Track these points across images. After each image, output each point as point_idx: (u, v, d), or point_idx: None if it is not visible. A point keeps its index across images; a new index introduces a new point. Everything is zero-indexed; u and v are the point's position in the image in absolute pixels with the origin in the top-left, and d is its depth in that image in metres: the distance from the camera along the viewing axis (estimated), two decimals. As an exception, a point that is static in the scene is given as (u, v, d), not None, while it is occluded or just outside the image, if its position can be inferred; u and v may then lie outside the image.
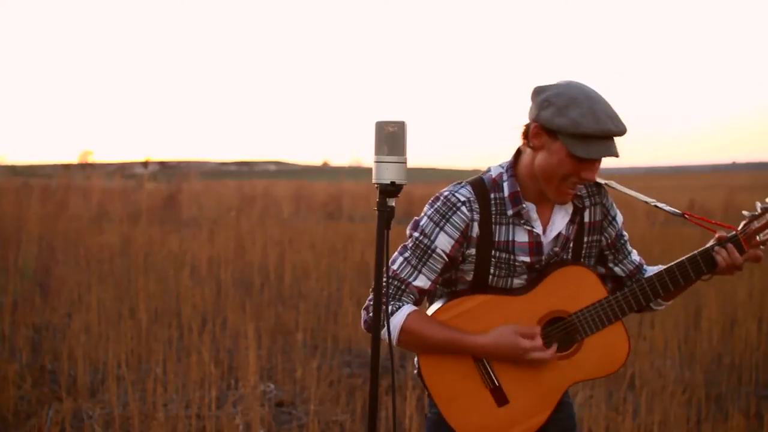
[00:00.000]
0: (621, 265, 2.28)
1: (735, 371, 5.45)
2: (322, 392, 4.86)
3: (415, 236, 2.16)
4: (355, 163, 58.00)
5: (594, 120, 2.00)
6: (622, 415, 4.35)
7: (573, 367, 2.16)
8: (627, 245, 2.29)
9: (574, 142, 2.01)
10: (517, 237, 2.15)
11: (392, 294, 2.16)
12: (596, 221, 2.22)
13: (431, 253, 2.13)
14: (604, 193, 2.24)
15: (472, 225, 2.13)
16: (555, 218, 2.18)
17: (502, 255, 2.14)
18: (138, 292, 6.85)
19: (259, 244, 9.65)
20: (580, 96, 2.03)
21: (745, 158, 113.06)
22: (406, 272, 2.15)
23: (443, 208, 2.13)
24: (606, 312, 2.15)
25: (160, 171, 42.07)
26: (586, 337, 2.16)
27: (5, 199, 13.10)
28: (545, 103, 2.05)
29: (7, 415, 4.40)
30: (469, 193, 2.14)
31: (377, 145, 1.87)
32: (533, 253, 2.15)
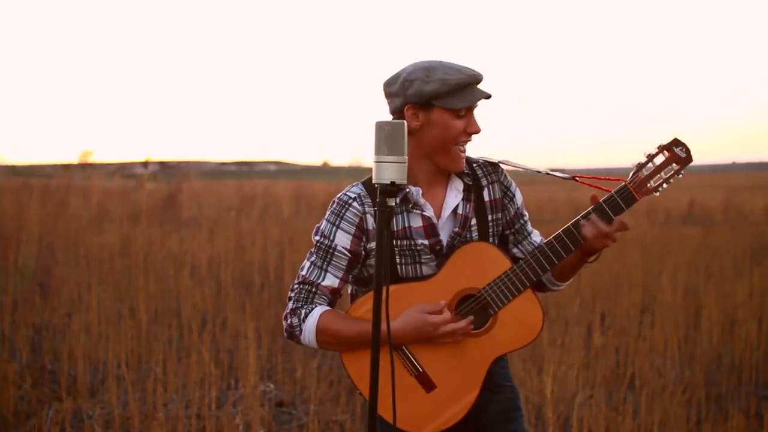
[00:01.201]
0: (520, 245, 2.31)
1: (735, 371, 5.45)
2: (322, 392, 4.86)
3: (317, 239, 2.26)
4: (355, 163, 58.04)
5: (456, 71, 2.11)
6: (622, 415, 4.35)
7: (492, 342, 2.19)
8: (527, 225, 2.33)
9: (450, 98, 2.11)
10: (413, 222, 2.20)
11: (304, 298, 2.22)
12: (497, 199, 2.27)
13: (333, 251, 2.22)
14: (500, 171, 2.29)
15: (366, 218, 2.20)
16: (448, 197, 2.23)
17: (402, 242, 2.20)
18: (138, 292, 6.84)
19: (259, 244, 9.64)
20: (431, 64, 2.13)
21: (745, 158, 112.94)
22: (314, 275, 2.23)
23: (337, 208, 2.23)
24: (513, 282, 2.18)
25: (160, 171, 42.07)
26: (500, 311, 2.18)
27: (5, 199, 13.09)
28: (406, 83, 2.13)
29: (7, 415, 4.40)
30: (359, 189, 2.23)
31: (377, 145, 1.87)
32: (429, 235, 2.20)
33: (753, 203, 18.00)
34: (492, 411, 2.26)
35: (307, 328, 2.19)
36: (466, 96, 2.12)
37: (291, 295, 2.25)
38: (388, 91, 2.20)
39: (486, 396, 2.23)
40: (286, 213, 15.20)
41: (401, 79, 2.15)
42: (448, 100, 2.11)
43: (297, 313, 2.21)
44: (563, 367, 4.86)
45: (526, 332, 2.20)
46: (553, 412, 4.22)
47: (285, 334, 2.24)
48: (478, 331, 2.18)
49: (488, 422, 2.26)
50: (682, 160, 2.18)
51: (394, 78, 2.18)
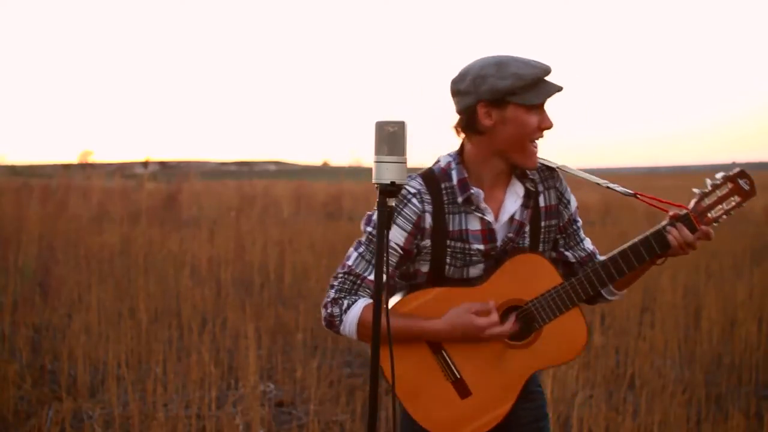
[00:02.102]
0: (572, 250, 2.27)
1: (735, 371, 5.45)
2: (322, 392, 4.86)
3: (369, 231, 2.16)
4: (355, 163, 58.05)
5: (529, 66, 2.05)
6: (622, 415, 4.35)
7: (533, 356, 2.16)
8: (580, 232, 2.29)
9: (526, 94, 2.05)
10: (470, 225, 2.14)
11: (348, 289, 2.15)
12: (552, 205, 2.22)
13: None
14: (557, 176, 2.23)
15: (424, 216, 2.12)
16: (506, 202, 2.18)
17: (456, 244, 2.14)
18: (138, 292, 6.84)
19: (259, 244, 9.65)
20: (501, 59, 2.07)
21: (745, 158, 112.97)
22: (361, 267, 2.15)
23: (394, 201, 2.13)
24: (562, 298, 2.14)
25: (160, 171, 42.07)
26: (545, 325, 2.15)
27: (5, 199, 13.09)
28: (478, 80, 2.06)
29: (7, 415, 4.40)
30: (419, 185, 2.14)
31: (377, 145, 1.87)
32: (486, 240, 2.15)
33: (753, 203, 17.95)
34: (523, 419, 2.23)
35: (349, 319, 2.13)
36: (542, 90, 2.06)
37: (334, 283, 2.17)
38: (456, 89, 2.12)
39: (519, 403, 2.20)
40: (286, 213, 15.20)
41: (471, 75, 2.07)
42: (524, 95, 2.04)
43: (339, 303, 2.15)
44: (563, 367, 4.87)
45: (568, 349, 2.18)
46: (553, 412, 4.22)
47: (323, 322, 2.17)
48: (520, 343, 2.15)
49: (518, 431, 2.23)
50: (745, 192, 2.14)
51: (462, 75, 2.10)
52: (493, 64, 2.06)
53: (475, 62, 2.10)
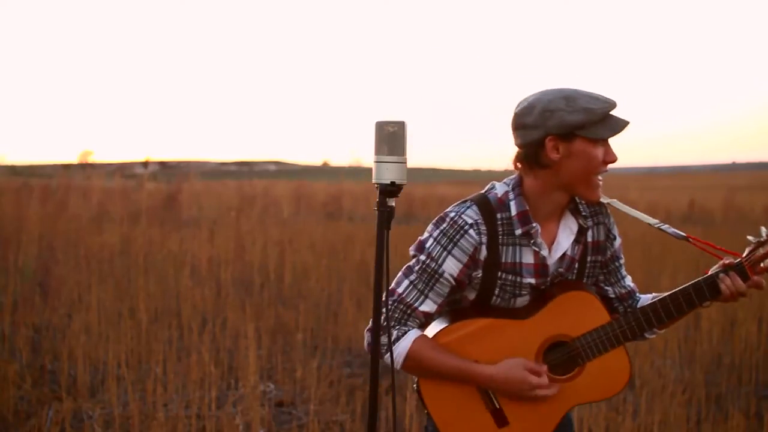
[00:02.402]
0: (612, 287, 2.25)
1: (735, 371, 5.45)
2: (322, 392, 4.86)
3: (422, 259, 2.11)
4: (355, 163, 58.06)
5: (597, 101, 2.02)
6: (622, 415, 4.35)
7: (574, 391, 2.15)
8: (622, 269, 2.26)
9: (595, 128, 2.02)
10: (524, 258, 2.11)
11: (398, 318, 2.11)
12: (599, 241, 2.19)
13: (438, 277, 2.09)
14: (606, 212, 2.20)
15: (481, 248, 2.08)
16: (560, 238, 2.15)
17: (508, 276, 2.11)
18: (138, 292, 6.85)
19: (259, 244, 9.65)
20: (568, 93, 2.04)
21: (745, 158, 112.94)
22: (412, 296, 2.10)
23: (450, 230, 2.08)
24: (609, 337, 2.13)
25: (160, 171, 42.09)
26: (589, 361, 2.14)
27: (5, 199, 13.10)
28: (546, 114, 2.02)
29: (7, 415, 4.40)
30: (476, 215, 2.09)
31: (377, 145, 1.87)
32: (539, 274, 2.12)
33: (753, 203, 18.00)
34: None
35: (397, 351, 2.10)
36: (611, 125, 2.03)
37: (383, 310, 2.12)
38: (522, 123, 2.07)
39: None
40: (286, 213, 15.20)
41: (539, 109, 2.03)
42: (593, 129, 2.02)
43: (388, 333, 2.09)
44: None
45: (610, 386, 2.17)
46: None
47: (367, 348, 2.12)
48: (562, 377, 2.14)
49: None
50: None
51: (529, 108, 2.05)
52: (561, 98, 2.02)
53: (541, 95, 2.06)
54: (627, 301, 2.26)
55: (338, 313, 6.77)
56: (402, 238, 10.95)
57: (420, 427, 4.20)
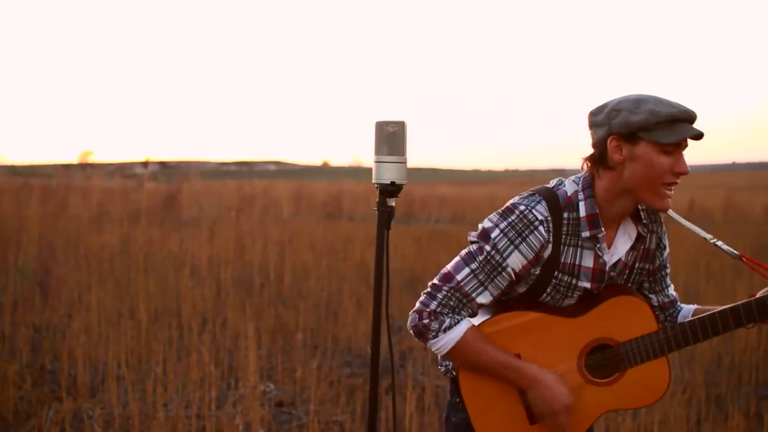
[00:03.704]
0: (656, 295, 2.23)
1: (735, 371, 5.45)
2: (322, 392, 4.86)
3: (487, 249, 2.03)
4: (355, 163, 58.06)
5: (667, 104, 1.96)
6: (622, 415, 4.35)
7: (611, 395, 2.14)
8: (667, 278, 2.25)
9: (659, 132, 1.96)
10: (584, 261, 2.08)
11: (453, 306, 2.04)
12: (650, 249, 2.17)
13: (501, 270, 2.03)
14: (659, 221, 2.18)
15: (547, 246, 2.04)
16: (617, 243, 2.12)
17: (564, 278, 2.08)
18: (138, 292, 6.85)
19: (259, 244, 9.65)
20: (641, 96, 1.99)
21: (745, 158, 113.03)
22: (471, 286, 2.04)
23: (520, 224, 2.02)
24: (654, 347, 2.12)
25: (160, 171, 42.07)
26: (630, 368, 2.13)
27: (5, 199, 13.10)
28: (613, 113, 1.99)
29: (7, 415, 4.39)
30: (546, 211, 2.03)
31: (377, 145, 1.87)
32: (595, 279, 2.10)
33: (753, 203, 18.01)
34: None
35: (447, 338, 2.04)
36: (676, 131, 1.95)
37: (438, 295, 2.04)
38: (593, 121, 2.05)
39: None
40: (286, 213, 15.20)
41: (608, 108, 2.00)
42: (656, 132, 1.95)
43: (440, 320, 2.04)
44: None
45: (648, 395, 2.16)
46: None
47: (412, 329, 2.07)
48: (601, 381, 2.14)
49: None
50: None
51: (601, 107, 2.03)
52: (631, 100, 1.99)
53: (617, 97, 2.03)
54: (669, 310, 2.25)
55: (338, 313, 6.77)
56: (402, 238, 10.97)
57: (420, 427, 4.20)
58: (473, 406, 2.13)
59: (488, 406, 2.13)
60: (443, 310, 2.04)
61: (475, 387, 2.12)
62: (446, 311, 2.04)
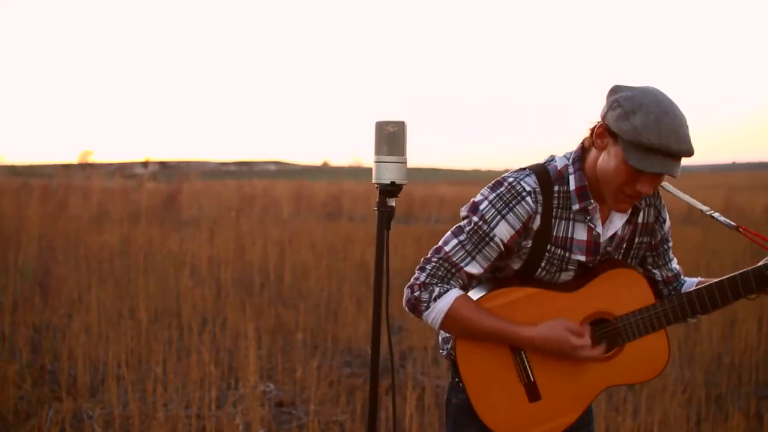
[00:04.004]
0: (660, 270, 2.23)
1: (735, 371, 5.45)
2: (322, 392, 4.86)
3: (474, 220, 2.06)
4: (355, 163, 58.06)
5: (656, 133, 1.90)
6: (622, 415, 4.35)
7: (611, 370, 2.14)
8: (669, 252, 2.25)
9: (632, 150, 1.93)
10: (576, 234, 2.09)
11: (441, 276, 2.07)
12: (649, 223, 2.18)
13: (489, 240, 2.05)
14: (658, 194, 2.18)
15: (535, 217, 2.05)
16: (613, 217, 2.12)
17: (557, 251, 2.08)
18: (138, 292, 6.85)
19: (259, 244, 9.65)
20: (651, 105, 1.93)
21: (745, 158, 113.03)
22: (458, 256, 2.06)
23: (507, 195, 2.04)
24: (652, 320, 2.11)
25: (160, 171, 42.07)
26: (628, 342, 2.12)
27: (5, 199, 13.10)
28: (615, 103, 1.97)
29: (7, 415, 4.40)
30: (534, 183, 2.05)
31: (377, 145, 1.87)
32: (590, 252, 2.10)
33: (753, 203, 18.01)
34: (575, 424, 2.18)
35: (437, 308, 2.06)
36: (647, 161, 1.91)
37: (426, 267, 2.08)
38: (607, 95, 2.02)
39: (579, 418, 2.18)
40: (286, 213, 15.20)
41: (616, 96, 1.98)
42: (630, 151, 1.92)
43: (429, 289, 2.07)
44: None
45: (648, 369, 2.15)
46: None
47: (405, 304, 2.10)
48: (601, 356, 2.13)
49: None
50: None
51: (620, 88, 2.00)
52: (637, 104, 1.93)
53: (638, 88, 1.98)
54: (672, 284, 2.25)
55: (338, 313, 6.77)
56: (402, 238, 10.97)
57: (420, 427, 4.20)
58: (473, 387, 2.13)
59: (487, 387, 2.13)
60: (432, 280, 2.07)
61: (474, 368, 2.12)
62: (435, 281, 2.08)
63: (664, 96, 1.97)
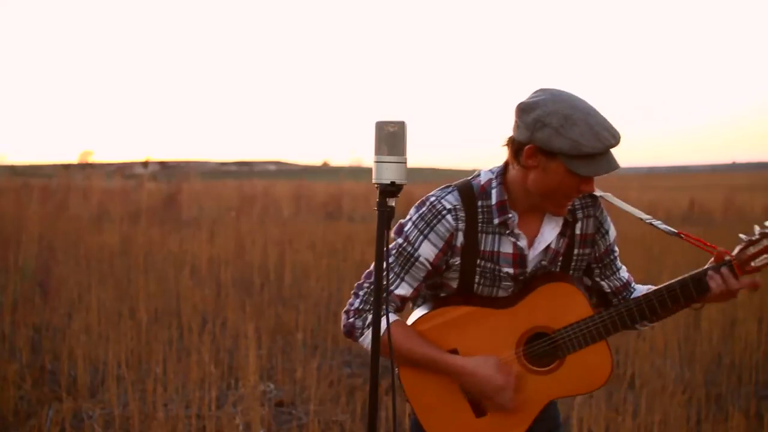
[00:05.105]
0: (608, 280, 2.22)
1: (735, 371, 5.45)
2: (322, 392, 4.86)
3: (399, 242, 2.12)
4: (355, 163, 58.02)
5: (594, 138, 1.93)
6: (622, 415, 4.35)
7: (554, 383, 2.14)
8: (616, 261, 2.23)
9: (576, 162, 1.95)
10: (503, 248, 2.10)
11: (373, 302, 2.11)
12: (588, 234, 2.17)
13: (414, 261, 2.09)
14: (598, 205, 2.17)
15: (457, 234, 2.08)
16: (544, 230, 2.12)
17: (487, 264, 2.10)
18: (138, 292, 6.85)
19: (259, 244, 9.65)
20: (574, 113, 1.94)
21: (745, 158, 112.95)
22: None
23: (428, 214, 2.09)
24: (590, 331, 2.11)
25: (160, 171, 42.02)
26: (569, 354, 2.12)
27: (5, 199, 13.10)
28: (538, 124, 1.96)
29: (7, 415, 4.40)
30: (455, 200, 2.09)
31: (377, 145, 1.87)
32: (517, 265, 2.11)
33: (753, 203, 18.00)
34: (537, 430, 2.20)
35: (369, 333, 2.10)
36: (593, 166, 1.95)
37: (359, 293, 2.14)
38: (519, 117, 2.01)
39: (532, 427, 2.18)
40: (286, 213, 15.20)
41: (536, 114, 1.96)
42: (574, 163, 1.94)
43: (362, 316, 2.12)
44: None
45: (591, 381, 2.15)
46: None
47: (342, 329, 2.15)
48: (542, 370, 2.14)
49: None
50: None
51: (531, 106, 1.98)
52: (560, 116, 1.94)
53: (550, 100, 1.97)
54: (622, 294, 2.24)
55: (338, 313, 6.76)
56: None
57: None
58: (420, 407, 2.15)
59: (434, 406, 2.14)
60: (365, 306, 2.11)
61: (419, 388, 2.14)
62: (368, 308, 2.11)
63: (574, 96, 2.00)
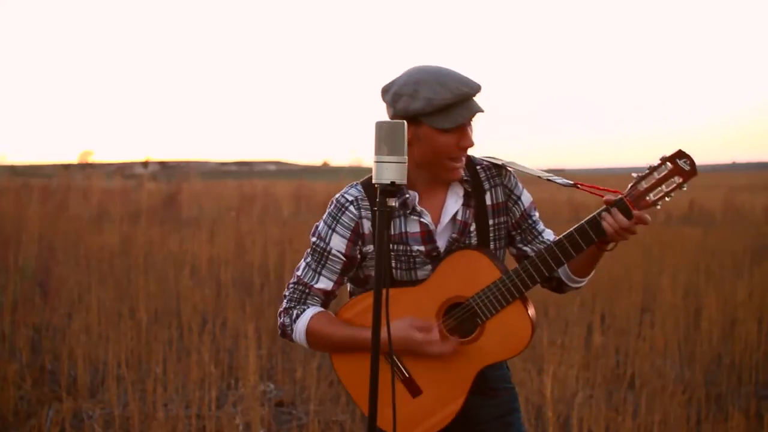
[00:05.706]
0: (530, 245, 2.27)
1: (735, 371, 5.45)
2: (322, 392, 4.86)
3: (313, 240, 2.23)
4: (355, 163, 58.03)
5: (444, 89, 2.05)
6: (622, 415, 4.35)
7: (479, 352, 2.17)
8: (537, 225, 2.28)
9: (436, 118, 2.06)
10: (410, 228, 2.18)
11: (297, 299, 2.23)
12: (500, 203, 2.23)
13: (327, 255, 2.20)
14: (504, 173, 2.24)
15: (362, 222, 2.18)
16: (448, 203, 2.20)
17: (399, 247, 2.18)
18: (138, 292, 6.84)
19: (259, 244, 9.64)
20: (424, 76, 2.07)
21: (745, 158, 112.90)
22: (308, 276, 2.22)
23: (334, 210, 2.21)
24: (501, 292, 2.14)
25: (160, 171, 42.03)
26: (488, 321, 2.15)
27: (5, 199, 13.10)
28: (396, 96, 2.10)
29: (7, 415, 4.40)
30: (357, 192, 2.21)
31: (377, 145, 1.87)
32: (426, 241, 2.18)
33: (753, 203, 18.00)
34: (488, 416, 2.25)
35: (298, 329, 2.21)
36: (453, 116, 2.07)
37: (286, 293, 2.26)
38: (383, 99, 2.18)
39: (480, 401, 2.23)
40: (286, 213, 15.19)
41: (392, 91, 2.12)
42: (434, 119, 2.07)
43: (289, 313, 2.23)
44: (563, 367, 4.87)
45: (513, 344, 2.16)
46: (553, 412, 4.22)
47: (279, 331, 2.27)
48: (465, 340, 2.16)
49: (484, 428, 2.25)
50: (685, 173, 2.09)
51: (389, 86, 2.14)
52: (411, 83, 2.08)
53: (403, 74, 2.12)
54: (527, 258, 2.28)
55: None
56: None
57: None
58: (355, 394, 2.21)
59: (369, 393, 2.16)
60: (291, 304, 2.24)
61: (354, 377, 2.20)
62: (293, 305, 2.23)
63: (430, 65, 2.11)
